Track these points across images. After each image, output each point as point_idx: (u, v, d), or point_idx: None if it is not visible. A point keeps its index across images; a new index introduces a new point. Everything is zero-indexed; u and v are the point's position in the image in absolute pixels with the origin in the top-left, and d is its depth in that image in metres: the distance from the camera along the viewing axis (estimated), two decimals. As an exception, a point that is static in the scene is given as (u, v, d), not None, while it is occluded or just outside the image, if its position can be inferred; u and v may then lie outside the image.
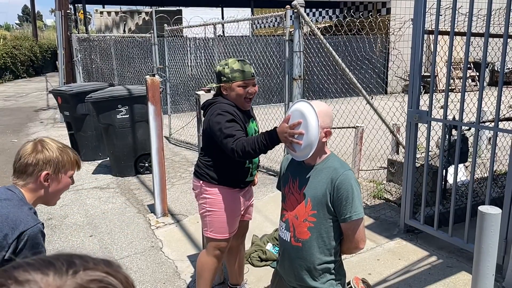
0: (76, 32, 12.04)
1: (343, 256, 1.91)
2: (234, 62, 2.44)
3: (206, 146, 2.58)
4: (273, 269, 2.40)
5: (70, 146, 2.20)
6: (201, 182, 2.57)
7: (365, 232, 1.80)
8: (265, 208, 4.36)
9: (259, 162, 2.68)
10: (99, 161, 6.43)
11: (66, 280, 0.50)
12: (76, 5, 17.55)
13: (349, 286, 2.24)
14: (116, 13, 19.74)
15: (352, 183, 1.71)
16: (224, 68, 2.44)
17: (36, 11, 29.40)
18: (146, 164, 5.71)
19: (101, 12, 19.55)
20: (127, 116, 5.54)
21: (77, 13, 15.98)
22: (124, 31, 19.24)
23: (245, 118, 2.49)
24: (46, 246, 4.13)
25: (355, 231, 1.75)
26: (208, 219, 2.57)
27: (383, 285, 3.02)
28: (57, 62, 11.84)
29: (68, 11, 10.49)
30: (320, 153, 1.80)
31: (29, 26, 31.45)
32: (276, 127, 2.01)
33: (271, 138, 2.03)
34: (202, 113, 2.67)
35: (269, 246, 3.47)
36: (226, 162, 2.48)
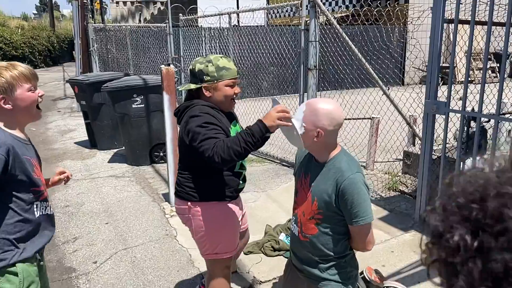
0: (93, 22, 12.13)
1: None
2: (218, 58, 2.12)
3: (184, 159, 2.24)
4: (286, 259, 2.41)
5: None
6: (188, 203, 2.20)
7: (373, 235, 1.75)
8: (280, 198, 4.37)
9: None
10: (115, 150, 6.51)
11: None
12: (92, -5, 17.65)
13: (362, 275, 2.22)
14: (132, 3, 19.82)
15: (357, 188, 1.63)
16: (207, 66, 2.09)
17: (53, 1, 29.71)
18: (161, 154, 5.76)
19: (117, 2, 19.66)
20: (142, 105, 5.58)
21: (93, 3, 16.08)
22: (140, 21, 19.32)
23: (228, 121, 2.19)
24: (63, 233, 4.18)
25: (361, 235, 1.71)
26: (210, 241, 2.24)
27: (397, 277, 3.00)
28: (73, 52, 11.97)
29: (85, 1, 10.56)
30: (330, 149, 1.74)
31: (47, 16, 31.80)
32: (259, 119, 1.86)
33: (258, 129, 1.82)
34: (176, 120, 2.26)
35: (282, 236, 3.48)
36: (210, 172, 2.15)
